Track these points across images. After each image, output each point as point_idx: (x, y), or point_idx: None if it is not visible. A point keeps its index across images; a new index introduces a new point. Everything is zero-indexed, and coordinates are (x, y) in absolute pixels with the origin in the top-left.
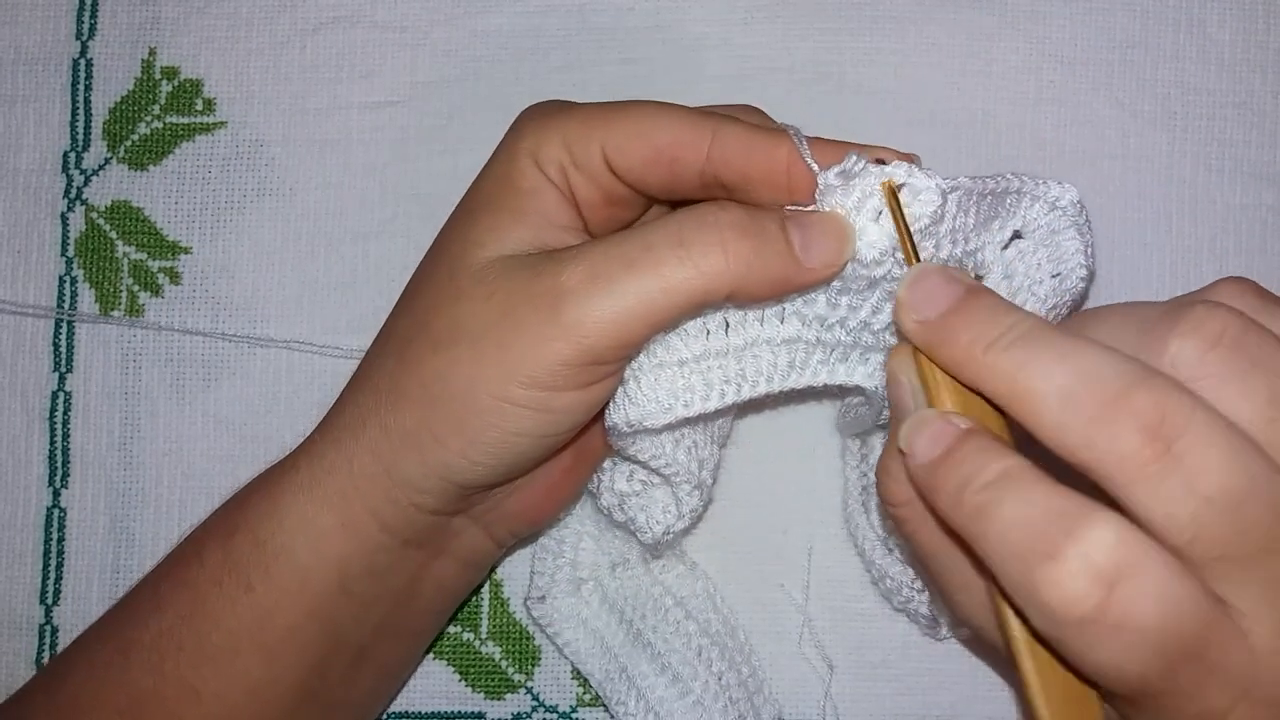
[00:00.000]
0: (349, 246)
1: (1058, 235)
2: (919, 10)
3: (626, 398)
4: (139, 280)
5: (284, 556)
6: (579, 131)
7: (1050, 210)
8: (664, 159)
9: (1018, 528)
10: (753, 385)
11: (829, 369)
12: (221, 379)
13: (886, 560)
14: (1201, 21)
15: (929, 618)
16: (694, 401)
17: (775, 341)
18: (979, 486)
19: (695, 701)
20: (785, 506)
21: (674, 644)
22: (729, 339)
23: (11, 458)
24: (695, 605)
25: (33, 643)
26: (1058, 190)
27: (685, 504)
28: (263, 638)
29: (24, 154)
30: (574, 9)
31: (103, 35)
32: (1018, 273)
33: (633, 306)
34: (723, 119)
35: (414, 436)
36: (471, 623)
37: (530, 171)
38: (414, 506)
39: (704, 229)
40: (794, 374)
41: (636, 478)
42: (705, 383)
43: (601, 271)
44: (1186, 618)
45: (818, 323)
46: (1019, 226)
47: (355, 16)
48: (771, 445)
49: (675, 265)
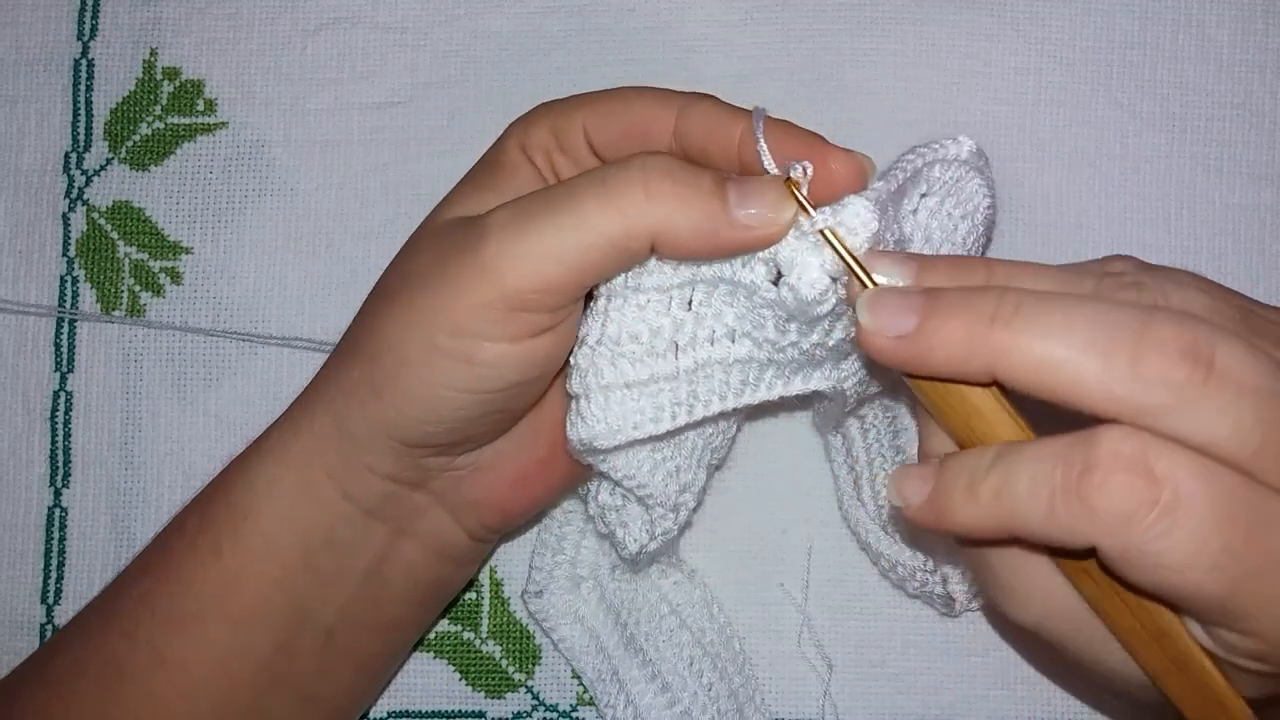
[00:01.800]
0: (350, 247)
1: (960, 182)
2: (919, 10)
3: (578, 416)
4: (140, 280)
5: (251, 520)
6: (562, 114)
7: (949, 166)
8: (637, 132)
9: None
10: (705, 405)
11: (784, 382)
12: (223, 379)
13: (894, 549)
14: (1201, 22)
15: (945, 597)
16: (643, 424)
17: (727, 362)
18: (983, 476)
19: (683, 712)
20: (785, 506)
21: (665, 653)
22: (678, 361)
23: (13, 457)
24: (691, 614)
25: (33, 642)
26: (954, 148)
27: (658, 525)
28: (229, 606)
29: (25, 154)
30: (574, 9)
31: (104, 36)
32: (933, 230)
33: (549, 245)
34: (693, 97)
35: (358, 391)
36: (471, 622)
37: (513, 153)
38: (366, 468)
39: (627, 168)
40: (748, 390)
41: (618, 492)
42: (655, 405)
43: (523, 210)
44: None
45: (769, 345)
46: (924, 190)
47: (355, 17)
48: (771, 445)
49: (594, 204)
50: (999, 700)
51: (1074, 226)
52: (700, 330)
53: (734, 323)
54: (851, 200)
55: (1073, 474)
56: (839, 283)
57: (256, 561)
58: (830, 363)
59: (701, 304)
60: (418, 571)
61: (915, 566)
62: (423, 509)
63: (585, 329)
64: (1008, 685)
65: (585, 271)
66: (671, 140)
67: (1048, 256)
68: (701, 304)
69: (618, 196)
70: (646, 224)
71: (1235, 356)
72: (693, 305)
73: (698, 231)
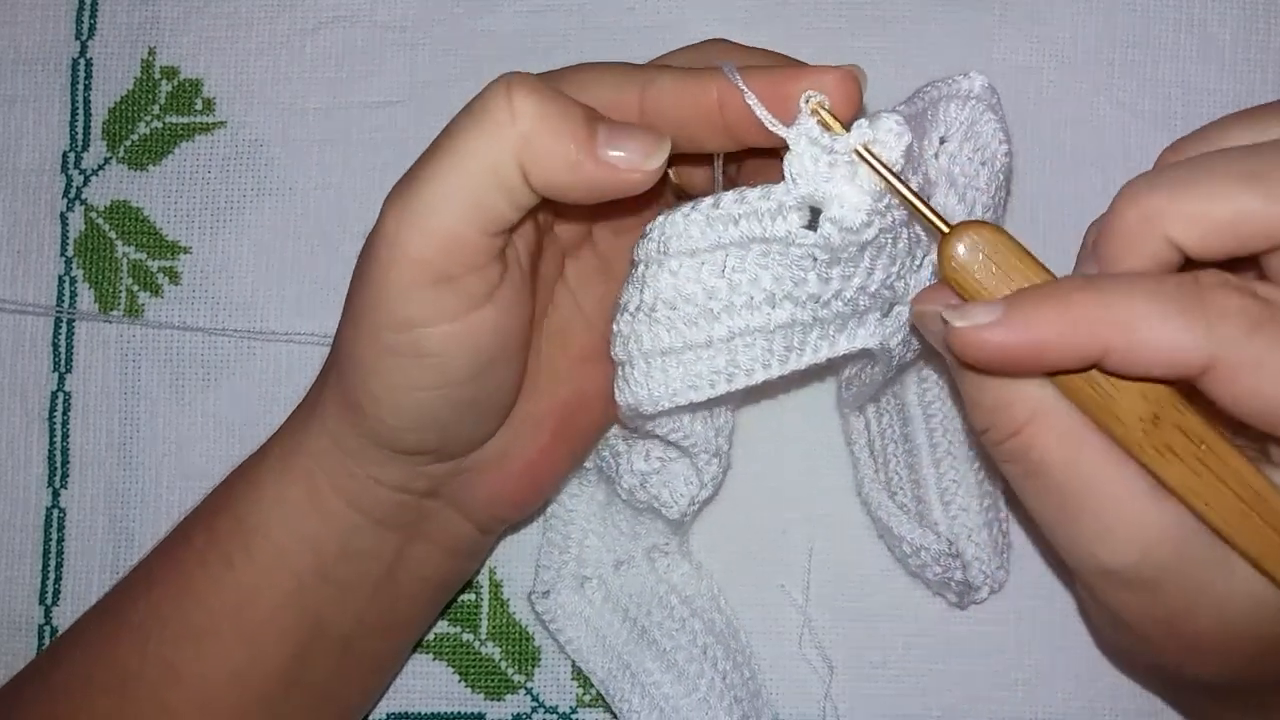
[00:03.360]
0: (349, 246)
1: (975, 124)
2: (919, 10)
3: (623, 381)
4: (139, 280)
5: (261, 534)
6: None
7: (965, 104)
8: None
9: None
10: (748, 374)
11: (830, 343)
12: (221, 379)
13: (918, 533)
14: (1202, 21)
15: (963, 584)
16: (683, 392)
17: (768, 329)
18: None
19: (701, 699)
20: (785, 507)
21: (680, 640)
22: (713, 330)
23: (11, 458)
24: (700, 604)
25: (32, 643)
26: (967, 83)
27: (706, 472)
28: (243, 620)
29: (23, 154)
30: (574, 9)
31: (102, 35)
32: (956, 175)
33: (434, 196)
34: (655, 71)
35: (342, 406)
36: (471, 623)
37: None
38: (372, 480)
39: (492, 93)
40: (793, 356)
41: (654, 455)
42: (695, 373)
43: (409, 176)
44: None
45: (812, 302)
46: (943, 133)
47: (355, 16)
48: (771, 445)
49: (464, 134)
50: (1000, 701)
51: (1075, 226)
52: (736, 297)
53: (771, 285)
54: (883, 116)
55: (1192, 293)
56: (879, 207)
57: (270, 575)
58: (875, 314)
59: (734, 270)
60: (429, 571)
61: (940, 551)
62: (434, 512)
63: (626, 295)
64: (1008, 686)
65: (479, 213)
66: (639, 119)
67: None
68: (734, 270)
69: (485, 117)
70: (510, 142)
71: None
72: (725, 271)
73: (565, 160)
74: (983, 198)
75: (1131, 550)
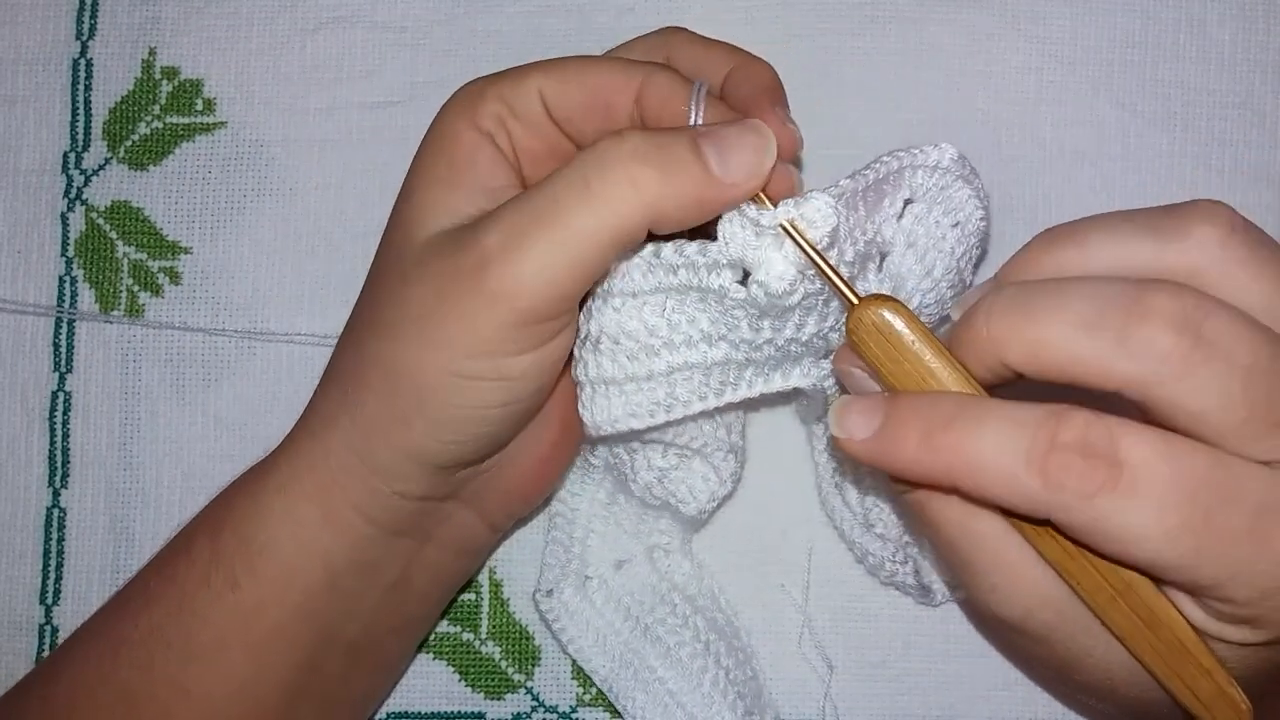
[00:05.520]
0: (349, 246)
1: (947, 190)
2: (919, 10)
3: (581, 404)
4: (139, 280)
5: (269, 553)
6: (513, 81)
7: (933, 173)
8: (599, 102)
9: (1006, 445)
10: (685, 405)
11: (764, 379)
12: (221, 379)
13: (866, 538)
14: (1202, 21)
15: (918, 587)
16: (626, 420)
17: (705, 365)
18: (942, 426)
19: (705, 693)
20: (785, 506)
21: (683, 636)
22: (653, 364)
23: (11, 458)
24: (702, 603)
25: (33, 643)
26: (935, 154)
27: (724, 469)
28: (250, 635)
29: (24, 154)
30: (574, 9)
31: (103, 35)
32: (919, 236)
33: (555, 260)
34: (653, 69)
35: (381, 424)
36: (471, 623)
37: (466, 134)
38: (397, 495)
39: (606, 167)
40: (728, 390)
41: (672, 452)
42: (636, 403)
43: (517, 232)
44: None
45: (746, 345)
46: (908, 195)
47: (355, 16)
48: (771, 446)
49: (586, 212)
50: (1000, 701)
51: None
52: (675, 335)
53: (708, 327)
54: (814, 195)
55: (1039, 448)
56: (806, 275)
57: (277, 591)
58: (809, 358)
59: (674, 310)
60: (439, 572)
61: (884, 556)
62: (449, 514)
63: (579, 322)
64: (1008, 686)
65: (591, 270)
66: (634, 110)
67: None
68: (674, 310)
69: (608, 198)
70: (640, 215)
71: (1226, 326)
72: (665, 312)
73: (689, 205)
74: (944, 259)
75: (1017, 609)
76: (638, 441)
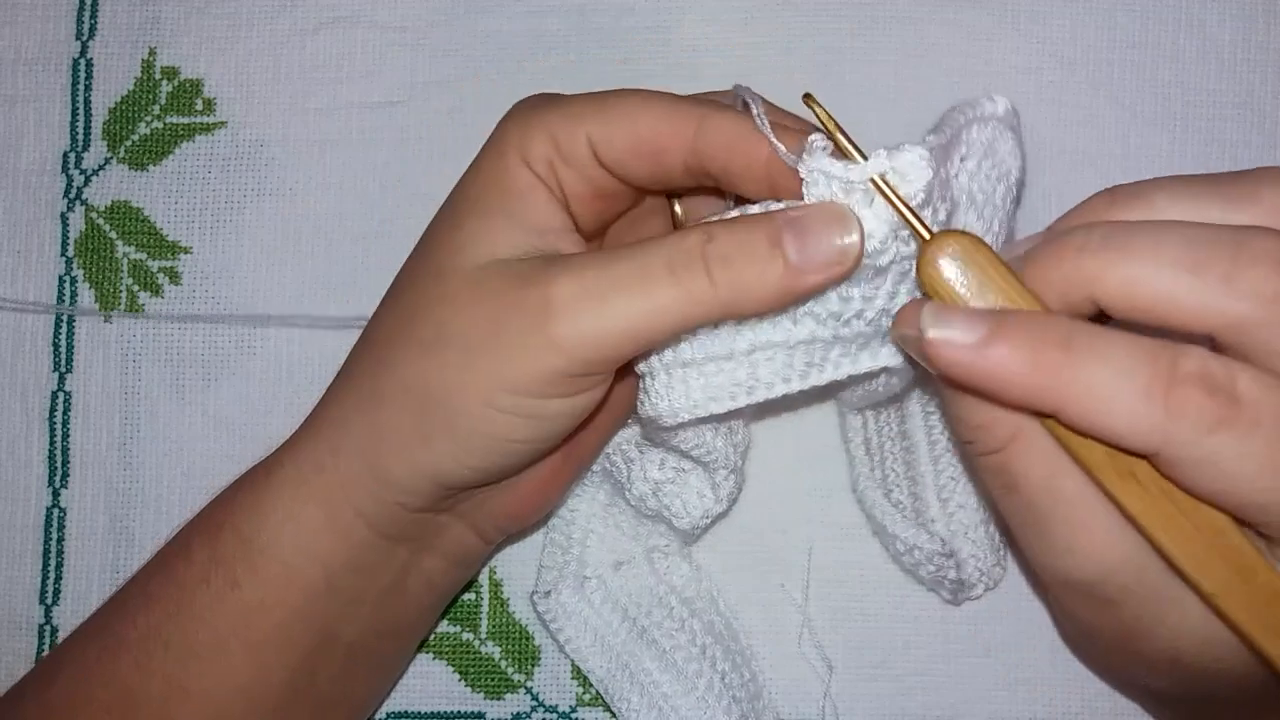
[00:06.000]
0: (349, 246)
1: (995, 143)
2: (919, 10)
3: (644, 394)
4: (139, 280)
5: (270, 553)
6: (564, 125)
7: (986, 125)
8: (649, 149)
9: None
10: (768, 388)
11: (851, 359)
12: (221, 379)
13: (911, 531)
14: (1202, 21)
15: (956, 583)
16: (704, 404)
17: (789, 344)
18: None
19: (699, 698)
20: (785, 507)
21: (679, 640)
22: (734, 343)
23: (11, 458)
24: (699, 605)
25: (33, 643)
26: (991, 106)
27: (722, 488)
28: (250, 635)
29: (24, 154)
30: (574, 9)
31: (103, 35)
32: (975, 193)
33: (622, 327)
34: (709, 108)
35: (401, 438)
36: (471, 623)
37: (519, 171)
38: (399, 505)
39: (692, 260)
40: (814, 372)
41: (669, 465)
42: (715, 385)
43: (593, 289)
44: None
45: (833, 320)
46: (963, 152)
47: (355, 16)
48: (771, 446)
49: (666, 296)
50: (1000, 701)
51: None
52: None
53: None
54: (907, 148)
55: (1161, 378)
56: (898, 235)
57: (277, 591)
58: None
59: None
60: (435, 579)
61: (933, 550)
62: (444, 526)
63: None
64: (1009, 686)
65: (652, 344)
66: (689, 157)
67: None
68: None
69: (688, 285)
70: (715, 308)
71: None
72: None
73: (771, 301)
74: (999, 214)
75: (1093, 569)
76: (635, 450)
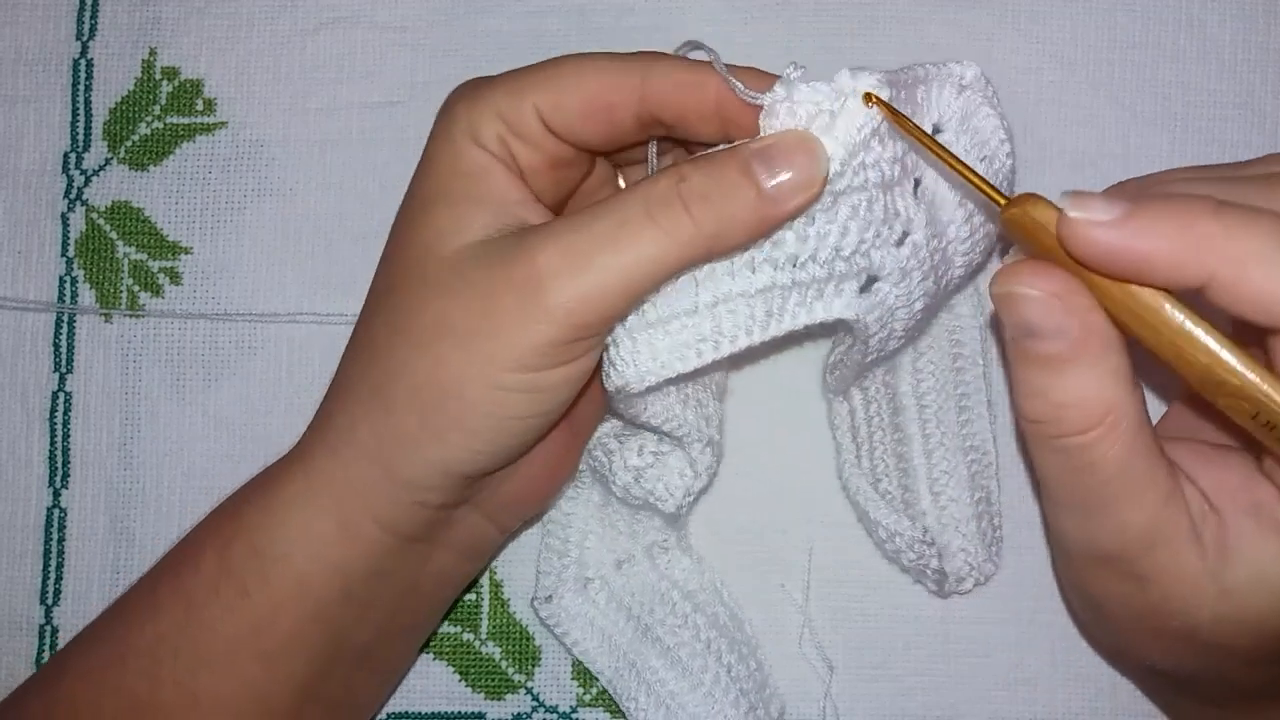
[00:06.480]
0: (349, 246)
1: (972, 118)
2: (919, 10)
3: (610, 364)
4: (139, 280)
5: (282, 564)
6: (510, 100)
7: (959, 92)
8: (598, 107)
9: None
10: (732, 340)
11: (807, 309)
12: (222, 379)
13: (892, 518)
14: (1202, 21)
15: (939, 572)
16: (670, 363)
17: (749, 293)
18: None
19: (706, 694)
20: (785, 507)
21: (682, 636)
22: (698, 296)
23: (11, 458)
24: (702, 599)
25: (33, 643)
26: (959, 69)
27: (700, 462)
28: (261, 643)
29: (24, 154)
30: (574, 9)
31: (103, 36)
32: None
33: (613, 282)
34: (652, 57)
35: (412, 438)
36: (471, 623)
37: (473, 153)
38: (418, 504)
39: (668, 203)
40: (773, 322)
41: (647, 450)
42: (680, 343)
43: (577, 252)
44: None
45: (789, 264)
46: (936, 120)
47: (355, 16)
48: (771, 445)
49: (649, 242)
50: (1000, 701)
51: None
52: (717, 263)
53: (750, 248)
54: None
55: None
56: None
57: (290, 601)
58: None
59: None
60: (448, 575)
61: (914, 538)
62: (460, 518)
63: None
64: (1009, 686)
65: (643, 294)
66: (639, 108)
67: None
68: None
69: (669, 229)
70: (700, 246)
71: None
72: None
73: (752, 230)
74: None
75: (1138, 546)
76: (615, 442)
